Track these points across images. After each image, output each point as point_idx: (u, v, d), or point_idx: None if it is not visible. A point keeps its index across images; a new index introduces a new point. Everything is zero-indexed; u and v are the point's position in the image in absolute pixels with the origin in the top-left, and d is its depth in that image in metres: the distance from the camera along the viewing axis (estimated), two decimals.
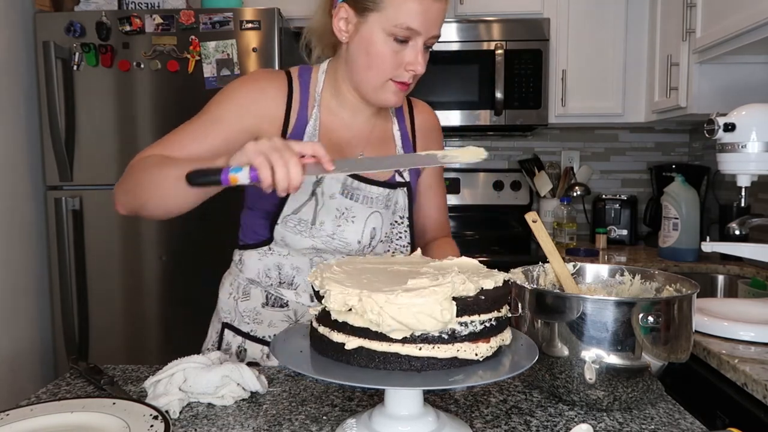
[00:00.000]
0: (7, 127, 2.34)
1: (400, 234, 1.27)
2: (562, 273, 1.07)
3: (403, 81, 1.14)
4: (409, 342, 0.75)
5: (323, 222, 1.18)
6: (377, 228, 1.23)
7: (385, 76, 1.13)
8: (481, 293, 0.79)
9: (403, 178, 1.26)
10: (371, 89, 1.16)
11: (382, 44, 1.11)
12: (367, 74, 1.15)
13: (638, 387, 0.92)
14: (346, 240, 1.20)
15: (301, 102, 1.21)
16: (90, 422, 0.86)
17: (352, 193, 1.20)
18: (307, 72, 1.26)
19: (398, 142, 1.29)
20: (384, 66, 1.12)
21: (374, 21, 1.11)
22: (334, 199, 1.19)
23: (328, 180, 1.19)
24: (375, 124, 1.27)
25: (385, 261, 0.95)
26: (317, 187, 1.18)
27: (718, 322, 1.38)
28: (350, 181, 1.20)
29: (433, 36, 1.12)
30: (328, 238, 1.19)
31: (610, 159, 3.17)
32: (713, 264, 2.36)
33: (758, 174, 1.43)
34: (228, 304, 1.31)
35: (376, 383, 0.75)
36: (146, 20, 2.31)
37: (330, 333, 0.78)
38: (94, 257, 2.40)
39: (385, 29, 1.10)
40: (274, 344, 0.84)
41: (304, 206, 1.18)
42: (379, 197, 1.22)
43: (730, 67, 2.20)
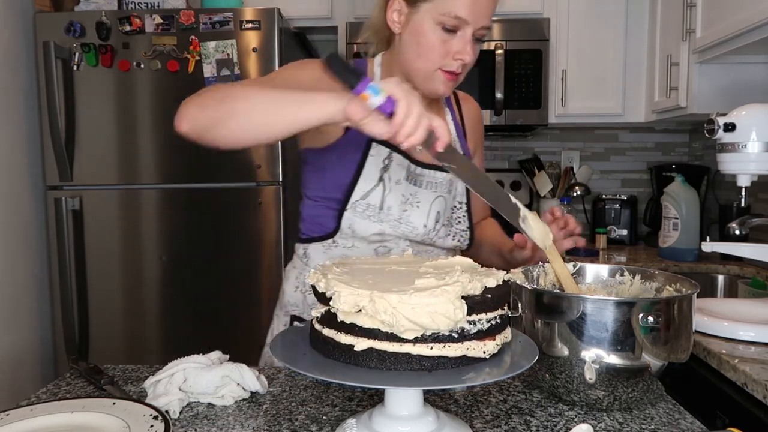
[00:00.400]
0: (7, 127, 2.34)
1: (459, 218, 1.31)
2: (562, 273, 1.07)
3: (451, 71, 1.16)
4: (421, 342, 0.75)
5: (391, 206, 1.22)
6: (441, 212, 1.26)
7: (434, 65, 1.16)
8: (487, 291, 0.80)
9: None
10: (421, 78, 1.18)
11: (432, 33, 1.14)
12: (417, 63, 1.18)
13: (638, 387, 0.92)
14: (412, 224, 1.23)
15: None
16: (90, 422, 0.86)
17: (416, 179, 1.25)
18: (363, 65, 1.29)
19: (453, 130, 1.32)
20: (433, 55, 1.15)
21: (425, 11, 1.14)
22: (400, 185, 1.23)
23: (395, 166, 1.23)
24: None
25: (380, 261, 0.95)
26: (384, 172, 1.22)
27: (718, 322, 1.38)
28: (414, 168, 1.24)
29: (483, 27, 1.14)
30: (396, 222, 1.23)
31: (610, 159, 3.18)
32: (713, 264, 2.36)
33: (758, 174, 1.43)
34: (295, 297, 1.34)
35: (376, 383, 0.75)
36: (146, 20, 2.31)
37: (337, 335, 0.78)
38: (94, 257, 2.40)
39: (434, 18, 1.13)
40: (274, 348, 0.84)
41: (372, 191, 1.21)
42: (443, 182, 1.27)
43: (730, 67, 2.20)
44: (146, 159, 2.38)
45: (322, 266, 0.88)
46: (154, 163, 2.38)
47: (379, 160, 1.22)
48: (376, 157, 1.22)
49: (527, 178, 3.05)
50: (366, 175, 1.21)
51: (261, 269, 2.37)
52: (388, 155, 1.22)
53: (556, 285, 1.11)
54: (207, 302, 2.38)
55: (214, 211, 2.37)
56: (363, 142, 1.21)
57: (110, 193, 2.40)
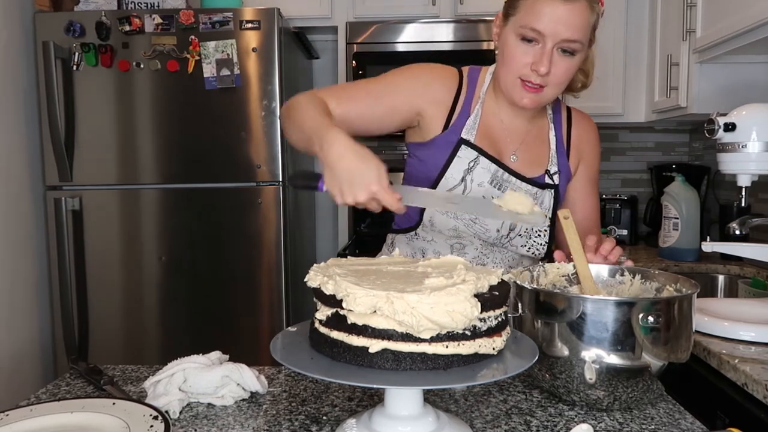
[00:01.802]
0: (7, 127, 2.34)
1: (540, 232, 1.32)
2: (583, 273, 1.08)
3: (530, 81, 1.18)
4: (436, 341, 0.75)
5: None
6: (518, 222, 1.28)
7: (514, 73, 1.20)
8: (493, 289, 0.81)
9: (552, 181, 1.32)
10: (505, 86, 1.24)
11: (513, 43, 1.19)
12: (501, 72, 1.24)
13: (638, 387, 0.92)
14: (486, 226, 1.28)
15: (466, 97, 1.30)
16: (90, 422, 0.86)
17: (501, 184, 1.28)
18: (476, 72, 1.35)
19: (552, 146, 1.34)
20: (513, 64, 1.20)
21: (511, 24, 1.20)
22: (482, 187, 1.27)
23: (479, 169, 1.27)
24: (531, 128, 1.33)
25: (374, 262, 0.95)
26: (468, 174, 1.27)
27: (718, 322, 1.38)
28: (501, 173, 1.28)
29: (564, 39, 1.15)
30: (470, 222, 1.27)
31: (610, 159, 3.17)
32: (713, 264, 2.36)
33: (758, 174, 1.43)
34: None
35: (377, 383, 0.75)
36: (146, 20, 2.31)
37: (348, 337, 0.77)
38: (94, 257, 2.40)
39: (515, 31, 1.18)
40: (276, 352, 0.83)
41: (453, 189, 1.27)
42: (527, 193, 1.28)
43: (730, 66, 2.20)
44: (146, 159, 2.38)
45: (319, 267, 0.87)
46: (154, 163, 2.38)
47: (465, 162, 1.27)
48: (463, 159, 1.27)
49: None
50: (450, 174, 1.26)
51: (261, 269, 2.37)
52: (476, 158, 1.27)
53: (556, 285, 1.11)
54: (207, 302, 2.38)
55: (214, 211, 2.37)
56: (453, 143, 1.27)
57: (110, 193, 2.40)
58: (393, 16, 2.75)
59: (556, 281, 1.12)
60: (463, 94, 1.30)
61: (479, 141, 1.28)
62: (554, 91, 1.23)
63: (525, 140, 1.33)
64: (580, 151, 1.39)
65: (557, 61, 1.17)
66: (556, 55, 1.17)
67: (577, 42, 1.17)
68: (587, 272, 1.08)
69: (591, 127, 1.43)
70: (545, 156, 1.33)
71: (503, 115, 1.31)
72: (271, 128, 2.34)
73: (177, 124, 2.36)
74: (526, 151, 1.32)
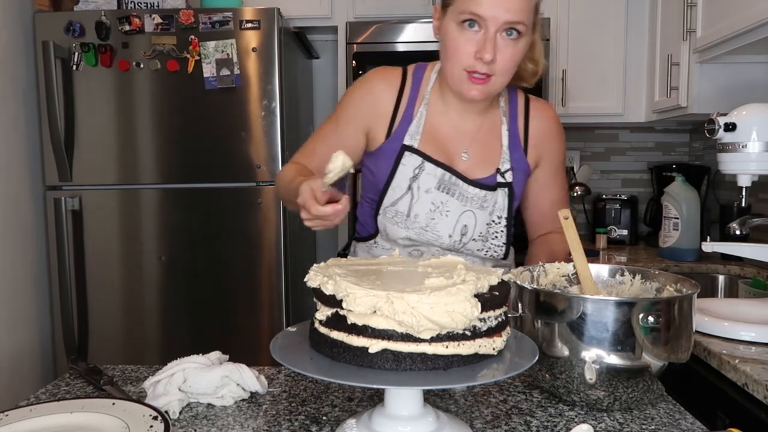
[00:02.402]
0: (7, 127, 2.33)
1: (497, 234, 1.29)
2: (583, 273, 1.08)
3: (476, 71, 1.14)
4: (436, 341, 0.75)
5: (417, 215, 1.24)
6: (469, 226, 1.26)
7: (459, 65, 1.16)
8: (493, 289, 0.81)
9: (504, 179, 1.28)
10: (451, 81, 1.19)
11: (455, 33, 1.15)
12: (446, 66, 1.19)
13: (638, 387, 0.92)
14: (438, 233, 1.25)
15: (409, 100, 1.27)
16: (90, 422, 0.86)
17: (449, 188, 1.25)
18: (422, 70, 1.31)
19: (504, 142, 1.29)
20: (456, 55, 1.15)
21: (450, 13, 1.16)
22: (430, 194, 1.24)
23: (425, 175, 1.24)
24: (482, 123, 1.29)
25: (374, 262, 0.95)
26: (413, 182, 1.24)
27: (718, 322, 1.38)
28: (448, 177, 1.25)
29: (506, 22, 1.11)
30: (421, 230, 1.25)
31: (610, 159, 3.17)
32: (714, 264, 2.36)
33: (759, 174, 1.43)
34: None
35: (377, 383, 0.75)
36: (146, 20, 2.31)
37: (347, 338, 0.77)
38: (94, 257, 2.40)
39: (455, 19, 1.14)
40: (276, 352, 0.83)
41: (400, 199, 1.25)
42: (474, 197, 1.26)
43: (730, 66, 2.20)
44: (146, 159, 2.37)
45: (319, 267, 0.87)
46: (154, 163, 2.38)
47: (410, 170, 1.24)
48: (407, 167, 1.24)
49: None
50: (396, 183, 1.25)
51: (261, 269, 2.37)
52: (420, 164, 1.24)
53: (556, 285, 1.11)
54: (207, 302, 2.38)
55: (214, 211, 2.37)
56: (396, 152, 1.25)
57: (109, 193, 2.40)
58: (393, 16, 2.75)
59: (556, 281, 1.12)
60: (405, 98, 1.27)
61: (423, 145, 1.25)
62: (502, 79, 1.18)
63: (476, 137, 1.28)
64: (539, 143, 1.34)
65: (502, 48, 1.13)
66: (500, 41, 1.12)
67: (520, 23, 1.12)
68: (587, 272, 1.08)
69: (551, 116, 1.37)
70: (497, 153, 1.29)
71: (451, 113, 1.27)
72: (270, 128, 2.34)
73: (177, 124, 2.36)
74: (477, 148, 1.28)
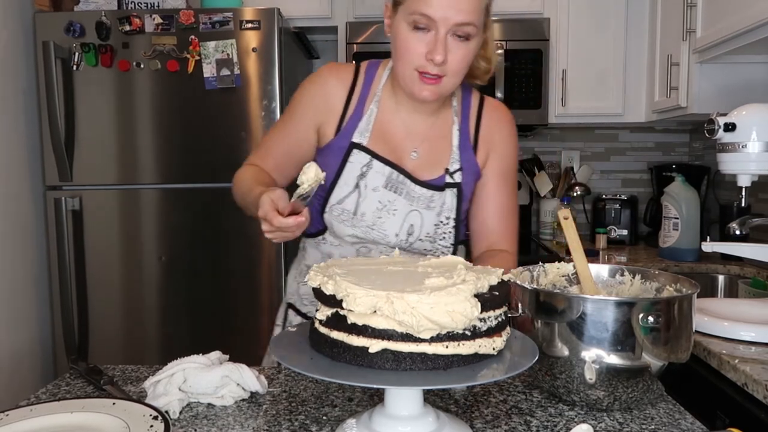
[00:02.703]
0: (7, 127, 2.33)
1: (444, 235, 1.27)
2: (583, 273, 1.08)
3: (427, 71, 1.14)
4: (436, 341, 0.75)
5: (364, 213, 1.23)
6: (416, 226, 1.25)
7: (410, 65, 1.15)
8: (493, 289, 0.81)
9: (453, 179, 1.26)
10: (402, 80, 1.18)
11: (405, 33, 1.14)
12: (397, 66, 1.19)
13: (638, 387, 0.92)
14: (384, 232, 1.24)
15: (360, 97, 1.26)
16: (90, 422, 0.86)
17: (396, 186, 1.24)
18: (375, 67, 1.30)
19: (455, 142, 1.27)
20: (407, 55, 1.14)
21: (401, 12, 1.15)
22: (377, 192, 1.23)
23: (372, 173, 1.22)
24: (433, 123, 1.28)
25: (374, 262, 0.95)
26: (361, 180, 1.23)
27: (718, 322, 1.38)
28: (396, 175, 1.24)
29: (456, 23, 1.10)
30: (368, 229, 1.23)
31: (610, 159, 3.17)
32: (713, 264, 2.36)
33: (758, 174, 1.43)
34: (292, 287, 1.40)
35: (377, 383, 0.75)
36: (146, 20, 2.31)
37: (348, 338, 0.77)
38: (94, 257, 2.40)
39: (406, 19, 1.13)
40: (276, 353, 0.83)
41: (347, 197, 1.23)
42: (421, 197, 1.24)
43: (730, 66, 2.20)
44: (146, 159, 2.38)
45: (319, 267, 0.87)
46: (154, 163, 2.38)
47: (357, 168, 1.23)
48: (355, 164, 1.23)
49: (527, 178, 3.05)
50: (343, 181, 1.23)
51: (261, 269, 2.37)
52: (368, 162, 1.23)
53: (556, 285, 1.11)
54: (207, 302, 2.38)
55: (213, 211, 2.37)
56: (344, 149, 1.23)
57: (110, 193, 2.40)
58: None
59: (556, 281, 1.11)
60: (356, 95, 1.26)
61: (372, 143, 1.23)
62: (454, 80, 1.17)
63: (427, 136, 1.27)
64: (489, 144, 1.30)
65: (453, 48, 1.12)
66: (451, 42, 1.12)
67: (470, 25, 1.11)
68: (587, 272, 1.08)
69: (503, 118, 1.32)
70: (447, 153, 1.27)
71: (402, 111, 1.26)
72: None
73: (177, 124, 2.36)
74: (428, 148, 1.26)
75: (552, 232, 2.94)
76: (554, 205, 2.94)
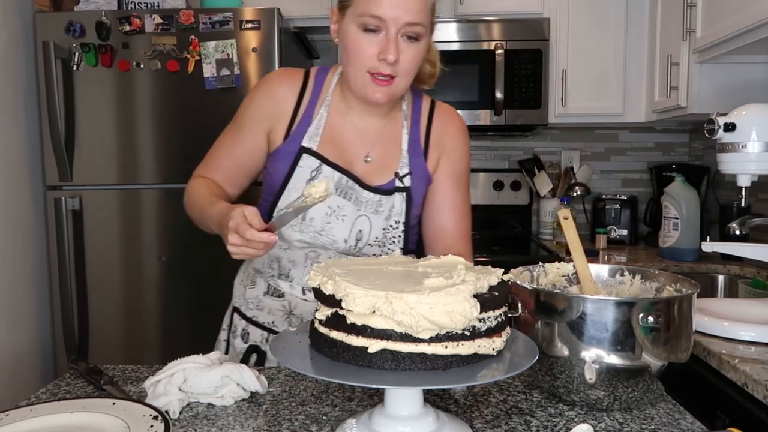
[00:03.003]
0: (7, 127, 2.33)
1: (394, 239, 1.27)
2: (583, 273, 1.08)
3: (379, 72, 1.14)
4: (435, 341, 0.75)
5: (313, 218, 1.22)
6: (364, 231, 1.24)
7: (362, 68, 1.14)
8: (493, 289, 0.81)
9: (402, 183, 1.26)
10: (355, 83, 1.18)
11: (355, 36, 1.13)
12: (348, 69, 1.18)
13: (638, 387, 0.92)
14: (333, 237, 1.23)
15: (309, 102, 1.25)
16: (90, 422, 0.86)
17: (345, 192, 1.23)
18: (324, 72, 1.29)
19: (404, 146, 1.27)
20: (359, 58, 1.14)
21: (349, 15, 1.14)
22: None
23: (322, 178, 1.21)
24: (384, 126, 1.28)
25: (374, 262, 0.95)
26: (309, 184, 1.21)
27: (718, 322, 1.38)
28: (345, 180, 1.23)
29: (407, 23, 1.11)
30: (316, 234, 1.22)
31: (610, 159, 3.17)
32: (713, 264, 2.36)
33: (758, 174, 1.43)
34: (239, 290, 1.41)
35: (376, 383, 0.75)
36: (146, 20, 2.31)
37: (347, 338, 0.77)
38: (94, 257, 2.40)
39: (355, 21, 1.13)
40: (276, 352, 0.83)
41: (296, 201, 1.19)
42: (369, 202, 1.23)
43: (730, 67, 2.20)
44: (146, 159, 2.38)
45: (319, 267, 0.87)
46: (154, 163, 2.38)
47: (307, 172, 1.22)
48: (305, 169, 1.22)
49: (527, 178, 3.05)
50: (292, 186, 1.22)
51: None
52: (318, 167, 1.22)
53: (556, 285, 1.11)
54: (207, 302, 2.38)
55: None
56: (293, 154, 1.23)
57: (110, 193, 2.40)
58: None
59: (556, 281, 1.12)
60: (306, 99, 1.25)
61: (322, 148, 1.23)
62: (405, 80, 1.17)
63: (378, 141, 1.27)
64: (440, 148, 1.30)
65: (404, 48, 1.12)
66: (401, 42, 1.12)
67: (420, 25, 1.12)
68: (587, 272, 1.08)
69: (454, 122, 1.33)
70: (396, 157, 1.26)
71: (353, 116, 1.26)
72: None
73: (177, 124, 2.36)
74: (379, 152, 1.26)
75: (552, 232, 2.94)
76: (554, 205, 2.94)
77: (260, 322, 1.33)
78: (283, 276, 1.29)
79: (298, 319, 1.29)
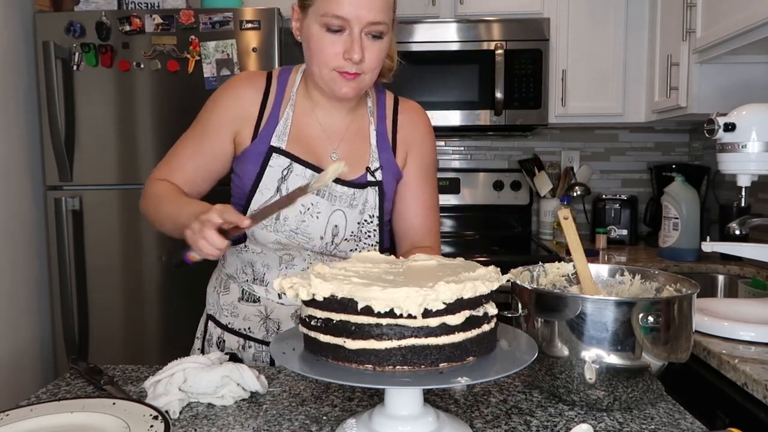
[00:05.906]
0: (7, 127, 2.34)
1: (369, 233, 1.27)
2: (583, 273, 1.08)
3: (347, 71, 1.14)
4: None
5: (287, 217, 1.21)
6: (340, 226, 1.24)
7: (327, 66, 1.15)
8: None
9: (374, 177, 1.26)
10: (321, 82, 1.18)
11: (318, 35, 1.14)
12: (313, 68, 1.18)
13: (638, 387, 0.92)
14: (309, 235, 1.22)
15: (275, 102, 1.25)
16: (90, 422, 0.86)
17: (318, 188, 1.21)
18: (287, 72, 1.29)
19: (373, 141, 1.28)
20: (323, 57, 1.14)
21: (311, 14, 1.14)
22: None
23: (293, 176, 1.21)
24: (351, 122, 1.28)
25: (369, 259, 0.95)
26: (282, 183, 1.21)
27: (718, 322, 1.38)
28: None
29: (370, 22, 1.11)
30: (292, 233, 1.22)
31: (610, 159, 3.17)
32: (713, 264, 2.36)
33: (758, 174, 1.43)
34: (212, 297, 1.40)
35: (377, 383, 0.75)
36: (146, 20, 2.31)
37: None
38: (94, 257, 2.40)
39: (318, 21, 1.13)
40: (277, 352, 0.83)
41: (269, 201, 1.21)
42: (343, 196, 1.23)
43: (730, 67, 2.20)
44: (146, 159, 2.38)
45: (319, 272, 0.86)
46: (154, 163, 2.34)
47: (278, 171, 1.21)
48: (275, 168, 1.22)
49: (527, 178, 3.05)
50: (263, 186, 1.22)
51: None
52: (289, 165, 1.22)
53: (556, 285, 1.11)
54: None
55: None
56: (263, 154, 1.22)
57: (110, 193, 2.40)
58: None
59: (556, 281, 1.12)
60: (271, 100, 1.25)
61: (291, 146, 1.22)
62: (371, 76, 1.18)
63: (345, 137, 1.27)
64: (407, 144, 1.31)
65: (368, 46, 1.13)
66: (365, 41, 1.12)
67: (382, 23, 1.13)
68: (587, 272, 1.08)
69: (418, 117, 1.34)
70: (366, 152, 1.27)
71: (318, 113, 1.26)
72: None
73: (177, 124, 2.34)
74: (347, 148, 1.26)
75: (552, 232, 2.94)
76: (554, 205, 2.94)
77: (236, 328, 1.32)
78: (258, 281, 1.28)
79: (275, 323, 1.28)
